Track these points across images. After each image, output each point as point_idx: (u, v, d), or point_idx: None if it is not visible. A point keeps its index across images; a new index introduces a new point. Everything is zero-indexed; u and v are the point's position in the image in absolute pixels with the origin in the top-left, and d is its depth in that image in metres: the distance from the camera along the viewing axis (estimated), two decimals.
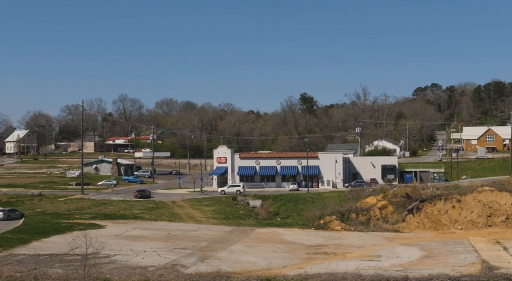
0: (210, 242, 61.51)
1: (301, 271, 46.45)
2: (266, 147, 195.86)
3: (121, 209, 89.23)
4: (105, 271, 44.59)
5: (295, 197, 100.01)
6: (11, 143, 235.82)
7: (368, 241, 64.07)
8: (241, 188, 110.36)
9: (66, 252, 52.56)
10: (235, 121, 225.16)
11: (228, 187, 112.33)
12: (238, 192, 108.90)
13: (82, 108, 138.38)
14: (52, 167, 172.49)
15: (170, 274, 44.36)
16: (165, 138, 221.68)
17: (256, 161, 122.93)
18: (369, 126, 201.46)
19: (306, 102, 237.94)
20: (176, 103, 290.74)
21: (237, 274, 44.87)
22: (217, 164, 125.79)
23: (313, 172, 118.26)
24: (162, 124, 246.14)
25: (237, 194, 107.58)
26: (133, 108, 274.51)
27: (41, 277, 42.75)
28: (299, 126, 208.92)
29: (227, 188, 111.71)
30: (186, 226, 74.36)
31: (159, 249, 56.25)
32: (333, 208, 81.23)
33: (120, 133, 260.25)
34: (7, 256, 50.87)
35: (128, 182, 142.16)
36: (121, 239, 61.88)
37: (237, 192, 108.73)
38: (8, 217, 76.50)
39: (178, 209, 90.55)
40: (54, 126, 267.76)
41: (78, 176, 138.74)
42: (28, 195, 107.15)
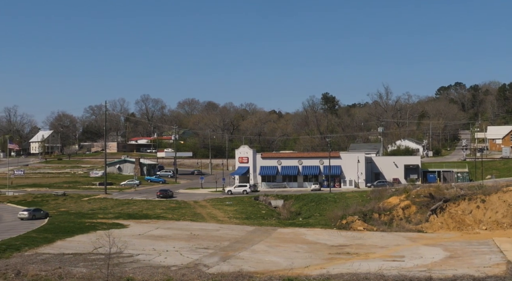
0: (232, 242, 61.60)
1: (324, 271, 46.31)
2: (288, 147, 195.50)
3: (143, 209, 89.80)
4: (128, 271, 44.91)
5: (317, 197, 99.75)
6: (36, 143, 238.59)
7: (391, 241, 63.66)
8: (248, 188, 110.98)
9: (90, 251, 53.03)
10: (257, 121, 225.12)
11: (235, 187, 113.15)
12: (245, 192, 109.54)
13: (105, 109, 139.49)
14: (76, 167, 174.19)
15: (192, 273, 44.54)
16: (187, 138, 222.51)
17: (278, 161, 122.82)
18: (392, 126, 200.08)
19: (328, 102, 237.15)
20: (198, 103, 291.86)
21: (259, 274, 44.89)
22: (239, 164, 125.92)
23: (335, 172, 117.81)
24: (184, 124, 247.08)
25: (243, 194, 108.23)
26: (155, 108, 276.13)
27: (65, 276, 43.23)
28: (321, 125, 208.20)
29: (234, 188, 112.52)
30: (208, 226, 74.58)
31: (181, 248, 56.49)
32: (355, 208, 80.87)
33: (143, 133, 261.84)
34: (32, 255, 51.49)
35: (150, 182, 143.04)
36: (144, 239, 62.28)
37: (243, 192, 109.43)
38: (33, 216, 77.48)
39: (200, 209, 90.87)
40: (78, 127, 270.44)
41: (102, 176, 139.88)
42: (53, 194, 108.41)
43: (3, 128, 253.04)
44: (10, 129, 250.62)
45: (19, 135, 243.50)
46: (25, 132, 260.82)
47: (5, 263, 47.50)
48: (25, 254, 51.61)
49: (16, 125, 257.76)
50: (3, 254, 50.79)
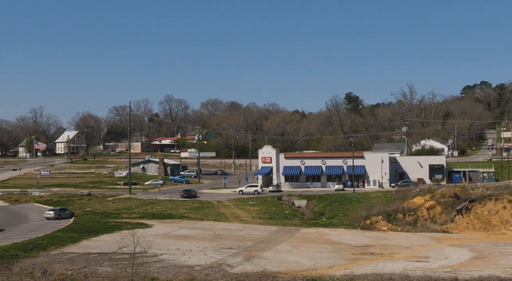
0: (255, 242, 61.62)
1: (347, 271, 46.11)
2: (311, 146, 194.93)
3: (167, 209, 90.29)
4: (152, 270, 45.19)
5: (340, 197, 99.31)
6: (61, 143, 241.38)
7: (416, 242, 63.13)
8: (259, 188, 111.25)
9: (114, 251, 53.44)
10: (280, 121, 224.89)
11: (246, 187, 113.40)
12: (256, 192, 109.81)
13: (129, 109, 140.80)
14: (100, 167, 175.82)
15: (216, 273, 44.66)
16: (210, 138, 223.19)
17: (301, 161, 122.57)
18: (416, 125, 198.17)
19: (352, 102, 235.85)
20: (221, 104, 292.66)
21: (283, 274, 44.85)
22: (262, 164, 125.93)
23: (359, 172, 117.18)
24: (208, 125, 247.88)
25: (255, 194, 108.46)
26: (179, 108, 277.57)
27: (91, 275, 43.64)
28: (344, 125, 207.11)
29: (245, 188, 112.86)
30: (231, 225, 74.70)
31: (205, 248, 56.65)
32: (379, 208, 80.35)
33: (166, 133, 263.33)
34: (58, 254, 52.06)
35: (174, 182, 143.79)
36: (168, 239, 62.59)
37: (254, 192, 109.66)
38: (59, 216, 78.41)
39: (223, 208, 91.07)
40: (103, 127, 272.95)
41: (126, 176, 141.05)
42: (78, 194, 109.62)
43: (29, 128, 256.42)
44: (37, 129, 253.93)
45: (45, 136, 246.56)
46: (51, 133, 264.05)
47: (32, 262, 48.13)
48: (51, 253, 52.20)
49: (42, 126, 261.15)
50: (30, 253, 51.45)
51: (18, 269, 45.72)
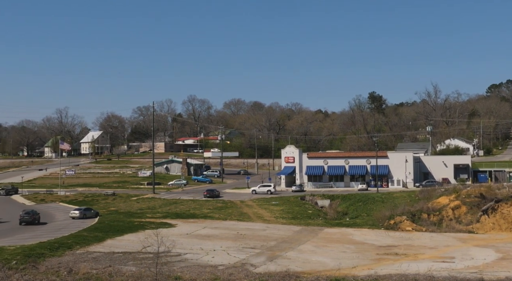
0: (279, 242, 61.59)
1: (371, 271, 45.85)
2: (334, 146, 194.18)
3: (191, 209, 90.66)
4: (176, 269, 45.41)
5: (364, 197, 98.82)
6: (86, 144, 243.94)
7: (441, 242, 62.54)
8: (272, 188, 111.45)
9: (139, 250, 53.82)
10: (303, 121, 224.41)
11: (259, 186, 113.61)
12: (269, 192, 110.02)
13: (153, 109, 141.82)
14: (124, 167, 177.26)
15: (239, 273, 44.73)
16: (233, 138, 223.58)
17: (324, 161, 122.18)
18: (441, 125, 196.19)
19: (375, 101, 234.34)
20: (244, 103, 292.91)
21: (306, 274, 44.75)
22: (285, 163, 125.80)
23: (383, 172, 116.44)
24: (230, 124, 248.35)
25: (268, 194, 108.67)
26: (202, 108, 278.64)
27: (115, 274, 44.00)
28: (367, 125, 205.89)
29: (258, 187, 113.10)
30: (254, 225, 74.75)
31: (228, 248, 56.77)
32: (403, 208, 79.77)
33: (190, 133, 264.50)
34: (83, 253, 52.59)
35: (197, 182, 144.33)
36: (191, 238, 62.85)
37: (268, 192, 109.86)
38: (84, 215, 79.21)
39: (246, 208, 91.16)
40: (126, 127, 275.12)
41: (150, 176, 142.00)
42: (103, 194, 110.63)
43: (55, 129, 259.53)
44: (62, 130, 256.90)
45: (70, 136, 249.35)
46: (76, 133, 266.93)
47: (58, 261, 48.68)
48: (76, 253, 52.75)
49: (67, 126, 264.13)
50: (56, 252, 52.05)
51: (44, 268, 46.29)
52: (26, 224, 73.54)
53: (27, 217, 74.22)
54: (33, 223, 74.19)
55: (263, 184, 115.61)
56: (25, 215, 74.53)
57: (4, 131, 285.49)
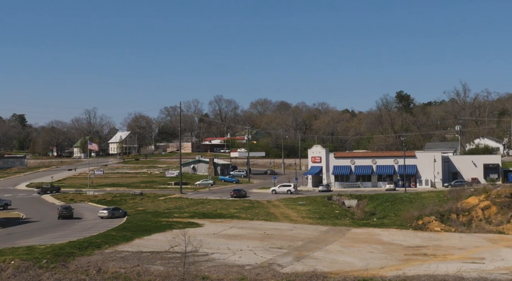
0: (305, 242, 61.43)
1: (399, 272, 45.45)
2: (361, 146, 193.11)
3: (218, 208, 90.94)
4: (203, 269, 45.57)
5: (392, 197, 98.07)
6: (114, 144, 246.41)
7: (470, 243, 61.72)
8: (292, 188, 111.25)
9: (166, 249, 54.12)
10: (330, 120, 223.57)
11: (279, 186, 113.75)
12: (289, 192, 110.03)
13: (179, 110, 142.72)
14: (152, 167, 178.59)
15: (266, 273, 44.70)
16: (260, 138, 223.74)
17: (351, 161, 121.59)
18: (470, 124, 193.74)
19: (403, 100, 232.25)
20: (271, 103, 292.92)
21: (334, 274, 44.55)
22: (311, 163, 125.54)
23: (411, 172, 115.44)
24: (257, 124, 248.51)
25: (288, 193, 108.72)
26: (228, 108, 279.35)
27: (143, 273, 44.34)
28: (395, 124, 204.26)
29: (278, 187, 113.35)
30: (281, 225, 74.66)
31: (255, 248, 56.79)
32: (432, 208, 78.94)
33: (216, 133, 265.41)
34: (112, 252, 53.07)
35: (224, 182, 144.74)
36: (218, 238, 63.02)
37: (288, 192, 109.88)
38: (112, 215, 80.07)
39: (273, 208, 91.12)
40: (154, 128, 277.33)
41: (177, 176, 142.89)
42: (130, 194, 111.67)
43: (83, 129, 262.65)
44: (90, 130, 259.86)
45: (98, 136, 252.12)
46: (104, 133, 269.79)
47: (87, 260, 49.22)
48: (105, 252, 53.27)
49: (95, 127, 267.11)
50: (85, 251, 52.64)
51: (74, 267, 46.85)
52: (64, 218, 79.77)
53: (65, 212, 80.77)
54: (70, 217, 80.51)
55: (283, 184, 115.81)
56: (63, 210, 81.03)
57: (34, 131, 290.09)
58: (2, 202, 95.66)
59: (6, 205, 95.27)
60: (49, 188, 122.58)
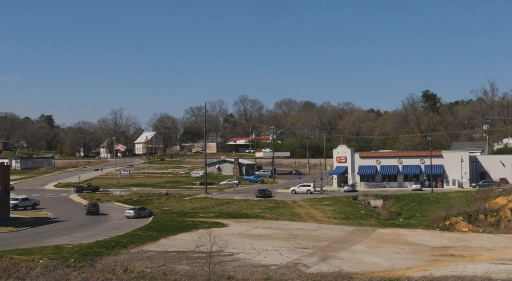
0: (331, 242, 61.23)
1: (426, 273, 45.02)
2: (387, 146, 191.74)
3: (243, 208, 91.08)
4: (229, 269, 45.67)
5: (418, 197, 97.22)
6: (140, 144, 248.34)
7: (499, 244, 60.88)
8: (311, 188, 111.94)
9: (192, 249, 54.37)
10: (355, 120, 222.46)
11: (299, 186, 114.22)
12: (309, 191, 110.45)
13: (205, 110, 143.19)
14: (177, 167, 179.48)
15: (292, 273, 44.64)
16: (284, 138, 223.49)
17: (377, 160, 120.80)
18: (498, 123, 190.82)
19: (429, 100, 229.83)
20: (295, 103, 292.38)
21: (359, 274, 44.31)
22: (336, 163, 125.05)
23: (437, 172, 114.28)
24: (282, 124, 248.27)
25: (307, 193, 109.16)
26: (253, 108, 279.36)
27: (169, 273, 44.59)
28: (421, 124, 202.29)
29: (298, 187, 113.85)
30: (306, 225, 74.52)
31: (280, 248, 56.77)
32: (459, 209, 78.05)
33: (241, 133, 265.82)
34: (138, 252, 53.50)
35: (249, 182, 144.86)
36: (243, 238, 63.12)
37: (307, 192, 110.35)
38: (138, 215, 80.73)
39: (298, 208, 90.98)
40: (179, 128, 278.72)
41: (202, 176, 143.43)
42: (156, 194, 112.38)
43: (110, 130, 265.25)
44: (117, 130, 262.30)
45: (124, 137, 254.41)
46: (130, 134, 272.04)
47: (114, 259, 49.68)
48: (131, 251, 53.71)
49: (121, 127, 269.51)
50: (112, 251, 53.13)
51: (101, 266, 47.33)
52: (91, 214, 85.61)
53: (93, 208, 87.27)
54: (97, 213, 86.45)
55: (303, 184, 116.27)
56: (91, 207, 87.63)
57: (62, 132, 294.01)
58: (30, 202, 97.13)
59: (35, 205, 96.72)
60: (86, 187, 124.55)
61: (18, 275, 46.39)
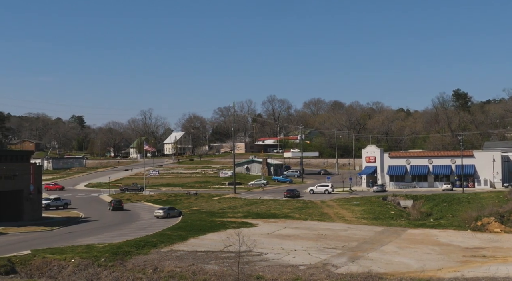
0: (360, 242, 60.88)
1: (458, 274, 44.48)
2: (417, 145, 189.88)
3: (271, 208, 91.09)
4: (258, 269, 45.74)
5: (449, 197, 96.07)
6: (169, 144, 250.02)
7: None
8: (330, 188, 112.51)
9: (220, 249, 54.61)
10: (384, 120, 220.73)
11: (317, 186, 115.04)
12: (327, 191, 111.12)
13: (233, 110, 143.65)
14: (206, 167, 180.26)
15: (321, 273, 44.51)
16: (313, 138, 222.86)
17: (407, 160, 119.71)
18: None
19: (460, 99, 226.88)
20: (324, 103, 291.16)
21: (389, 275, 43.97)
22: (366, 163, 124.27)
23: (468, 171, 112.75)
24: (310, 124, 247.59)
25: (325, 193, 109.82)
26: (281, 108, 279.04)
27: (198, 272, 44.83)
28: (452, 123, 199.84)
29: (316, 187, 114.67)
30: (335, 225, 74.21)
31: (309, 248, 56.65)
32: (491, 209, 76.85)
33: (269, 133, 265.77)
34: (168, 251, 53.92)
35: (277, 182, 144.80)
36: (272, 238, 63.14)
37: (325, 192, 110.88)
38: (167, 215, 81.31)
39: (327, 208, 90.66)
40: (208, 128, 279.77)
41: (231, 176, 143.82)
42: (185, 194, 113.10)
43: (139, 130, 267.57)
44: (146, 131, 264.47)
45: (154, 137, 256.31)
46: (159, 134, 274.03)
47: (144, 259, 50.17)
48: (161, 251, 54.17)
49: (151, 127, 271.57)
50: (142, 250, 53.66)
51: (131, 265, 47.82)
52: (115, 210, 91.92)
53: (118, 204, 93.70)
54: (121, 209, 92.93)
55: (321, 184, 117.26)
56: (116, 203, 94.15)
57: (93, 132, 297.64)
58: (62, 201, 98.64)
59: (66, 205, 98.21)
60: (132, 187, 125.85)
61: (51, 273, 47.16)
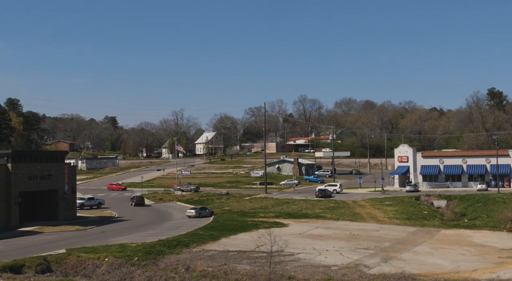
0: (393, 243, 60.33)
1: (493, 275, 43.76)
2: (451, 145, 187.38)
3: (303, 208, 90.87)
4: (289, 269, 45.68)
5: (483, 197, 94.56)
6: (200, 144, 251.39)
7: None
8: (338, 188, 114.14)
9: (252, 249, 54.67)
10: (417, 119, 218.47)
11: (326, 186, 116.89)
12: (335, 191, 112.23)
13: (264, 110, 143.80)
14: (237, 167, 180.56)
15: (353, 273, 44.25)
16: (344, 137, 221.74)
17: (440, 160, 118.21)
18: None
19: (495, 97, 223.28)
20: (355, 103, 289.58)
21: (423, 276, 43.50)
22: (398, 163, 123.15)
23: (504, 171, 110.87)
24: (342, 124, 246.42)
25: (334, 193, 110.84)
26: (312, 108, 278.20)
27: (230, 272, 44.96)
28: (486, 122, 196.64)
29: (325, 186, 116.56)
30: (367, 226, 73.68)
31: (341, 248, 56.37)
32: None
33: (301, 133, 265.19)
34: (200, 251, 54.20)
35: (309, 182, 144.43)
36: (303, 238, 62.99)
37: (333, 191, 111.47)
38: (199, 214, 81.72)
39: (359, 208, 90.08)
40: (239, 128, 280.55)
41: (262, 176, 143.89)
42: (217, 194, 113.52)
43: (171, 130, 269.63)
44: (178, 131, 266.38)
45: (185, 137, 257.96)
46: (190, 134, 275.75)
47: (176, 258, 50.53)
48: (193, 250, 54.47)
49: (182, 128, 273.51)
50: (174, 250, 54.05)
51: (164, 264, 48.21)
52: (137, 205, 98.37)
53: (140, 200, 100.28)
54: (143, 205, 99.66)
55: (330, 184, 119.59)
56: (138, 199, 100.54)
57: (125, 133, 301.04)
58: (96, 201, 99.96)
59: (100, 204, 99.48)
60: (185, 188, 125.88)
61: (85, 272, 47.85)
